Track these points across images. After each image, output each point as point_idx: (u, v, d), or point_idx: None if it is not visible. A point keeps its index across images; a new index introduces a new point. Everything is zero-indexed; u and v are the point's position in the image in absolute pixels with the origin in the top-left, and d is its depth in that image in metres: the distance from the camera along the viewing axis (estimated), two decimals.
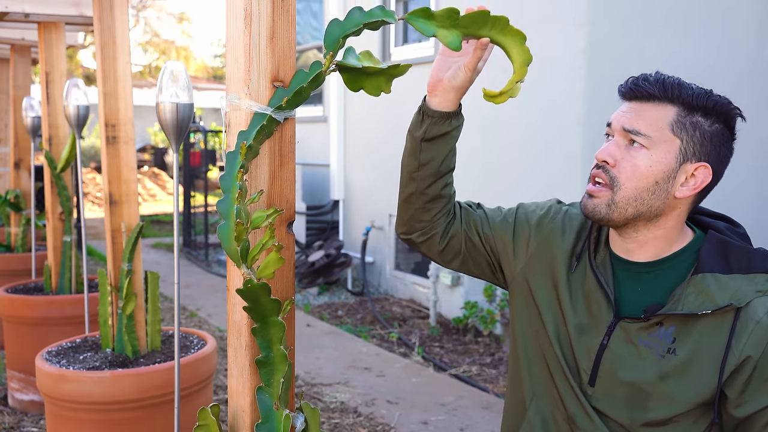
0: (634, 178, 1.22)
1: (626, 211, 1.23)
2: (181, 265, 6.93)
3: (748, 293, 1.18)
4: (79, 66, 19.84)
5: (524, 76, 1.20)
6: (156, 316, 2.64)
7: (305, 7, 8.05)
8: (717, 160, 1.24)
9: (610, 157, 1.24)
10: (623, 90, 1.27)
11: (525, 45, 1.18)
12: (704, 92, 1.22)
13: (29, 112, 3.93)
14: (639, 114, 1.23)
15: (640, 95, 1.24)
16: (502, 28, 1.17)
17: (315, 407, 1.20)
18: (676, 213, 1.25)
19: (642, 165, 1.21)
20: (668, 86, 1.22)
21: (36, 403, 3.41)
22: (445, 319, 5.19)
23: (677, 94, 1.21)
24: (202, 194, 8.83)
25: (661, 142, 1.21)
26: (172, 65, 1.85)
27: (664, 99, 1.22)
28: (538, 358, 1.36)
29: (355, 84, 1.14)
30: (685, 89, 1.22)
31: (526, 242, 1.40)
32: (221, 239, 1.05)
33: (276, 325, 1.10)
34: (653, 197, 1.22)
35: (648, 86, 1.23)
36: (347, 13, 1.10)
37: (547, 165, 4.59)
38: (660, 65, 4.86)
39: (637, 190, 1.22)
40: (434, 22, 1.12)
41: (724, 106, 1.23)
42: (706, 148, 1.22)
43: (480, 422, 3.43)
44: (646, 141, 1.21)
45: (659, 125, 1.21)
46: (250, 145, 1.08)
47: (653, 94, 1.22)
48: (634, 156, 1.22)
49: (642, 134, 1.22)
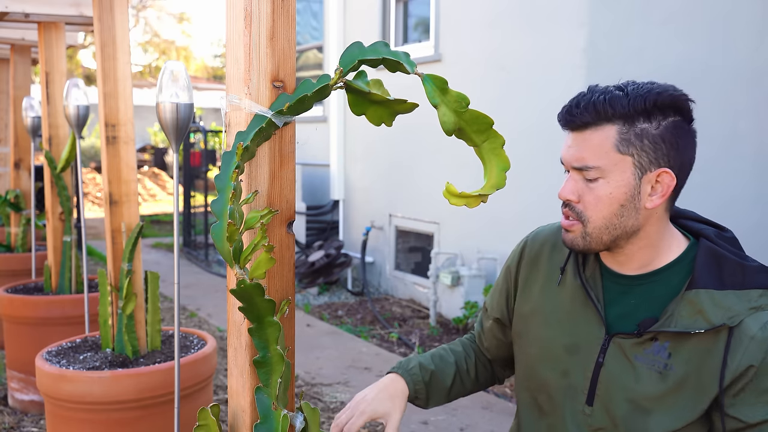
0: (598, 209, 1.21)
1: (602, 239, 1.23)
2: (181, 265, 6.93)
3: (741, 311, 1.16)
4: (79, 66, 19.85)
5: (488, 194, 1.16)
6: (156, 316, 2.64)
7: (305, 7, 8.06)
8: (677, 156, 1.19)
9: (571, 194, 1.23)
10: (560, 122, 1.24)
11: (504, 173, 1.15)
12: (639, 96, 1.17)
13: (29, 112, 3.93)
14: (581, 146, 1.20)
15: (576, 125, 1.21)
16: (494, 147, 1.16)
17: (315, 407, 1.20)
18: (655, 219, 1.23)
19: (603, 194, 1.20)
20: (599, 107, 1.17)
21: (36, 403, 3.41)
22: (445, 319, 5.19)
23: (611, 113, 1.17)
24: (202, 194, 8.84)
25: (612, 167, 1.18)
26: (172, 65, 1.85)
27: (600, 121, 1.18)
28: (536, 382, 1.37)
29: (359, 108, 1.13)
30: (619, 102, 1.17)
31: (514, 283, 1.46)
32: (214, 239, 1.05)
33: (272, 325, 1.09)
34: (623, 219, 1.21)
35: (579, 114, 1.19)
36: (373, 42, 1.10)
37: (547, 165, 4.59)
38: (660, 65, 4.87)
39: (605, 219, 1.21)
40: (444, 96, 1.11)
41: (665, 99, 1.17)
42: (661, 151, 1.18)
43: (480, 422, 3.43)
44: (598, 172, 1.19)
45: (605, 151, 1.18)
46: (246, 146, 1.08)
47: (587, 121, 1.19)
48: (593, 188, 1.20)
49: (591, 167, 1.19)
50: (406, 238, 6.25)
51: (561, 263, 1.36)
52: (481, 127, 1.15)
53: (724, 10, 4.84)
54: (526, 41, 4.85)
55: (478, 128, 1.14)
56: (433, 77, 1.11)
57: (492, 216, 5.04)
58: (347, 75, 1.10)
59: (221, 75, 25.06)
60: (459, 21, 5.45)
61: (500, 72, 5.04)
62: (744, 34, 4.93)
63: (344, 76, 1.10)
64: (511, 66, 4.94)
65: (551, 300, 1.34)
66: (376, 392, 1.37)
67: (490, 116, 1.14)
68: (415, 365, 1.43)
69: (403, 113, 1.14)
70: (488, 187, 1.17)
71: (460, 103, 1.12)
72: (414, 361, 1.44)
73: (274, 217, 1.15)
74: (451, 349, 1.52)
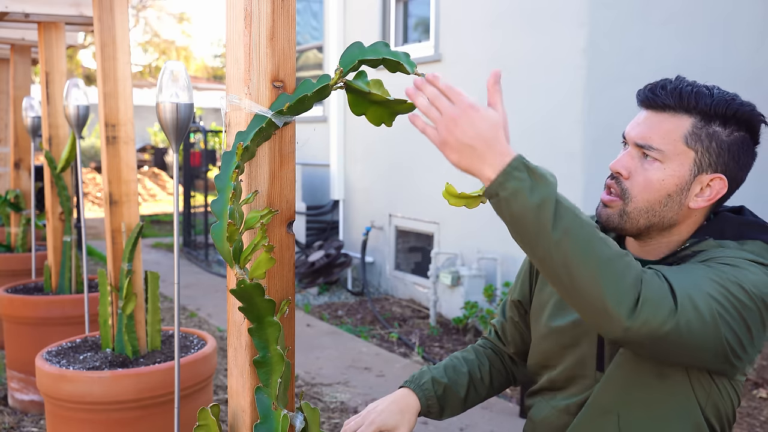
0: (645, 191, 1.21)
1: (638, 222, 1.23)
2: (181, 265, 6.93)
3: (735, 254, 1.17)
4: (79, 66, 19.85)
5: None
6: (156, 316, 2.64)
7: (305, 7, 8.05)
8: (735, 168, 1.22)
9: (623, 168, 1.23)
10: (640, 97, 1.25)
11: None
12: (724, 100, 1.19)
13: (29, 112, 3.93)
14: (652, 126, 1.21)
15: (655, 105, 1.21)
16: None
17: (315, 407, 1.20)
18: (691, 221, 1.25)
19: (654, 179, 1.20)
20: (684, 96, 1.19)
21: (36, 403, 3.41)
22: (445, 319, 5.19)
23: (694, 105, 1.18)
24: (202, 194, 8.83)
25: (674, 156, 1.19)
26: (172, 65, 1.85)
27: (679, 109, 1.19)
28: (546, 357, 1.38)
29: (359, 108, 1.13)
30: (703, 98, 1.19)
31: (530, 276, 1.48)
32: (214, 239, 1.05)
33: (272, 325, 1.09)
34: (665, 209, 1.22)
35: (663, 96, 1.20)
36: (373, 43, 1.10)
37: (548, 164, 4.58)
38: (660, 65, 4.87)
39: (648, 203, 1.21)
40: None
41: (745, 113, 1.20)
42: (723, 158, 1.20)
43: (480, 422, 3.43)
44: (659, 155, 1.20)
45: (673, 138, 1.19)
46: (246, 146, 1.08)
47: (668, 104, 1.20)
48: (647, 169, 1.21)
49: (655, 148, 1.20)
50: (406, 238, 6.25)
51: None
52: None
53: (725, 11, 4.84)
54: (527, 41, 4.85)
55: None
56: None
57: (492, 216, 5.01)
58: (347, 75, 1.10)
59: (221, 75, 25.07)
60: (459, 21, 5.45)
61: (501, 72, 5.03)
62: (744, 35, 4.93)
63: (344, 76, 1.10)
64: (512, 66, 4.94)
65: None
66: (388, 404, 1.38)
67: None
68: (427, 380, 1.43)
69: (403, 113, 1.14)
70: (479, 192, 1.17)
71: None
72: (426, 375, 1.44)
73: (274, 217, 1.15)
74: (463, 357, 1.52)
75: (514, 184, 0.99)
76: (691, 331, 1.03)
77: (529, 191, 0.99)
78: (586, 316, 1.05)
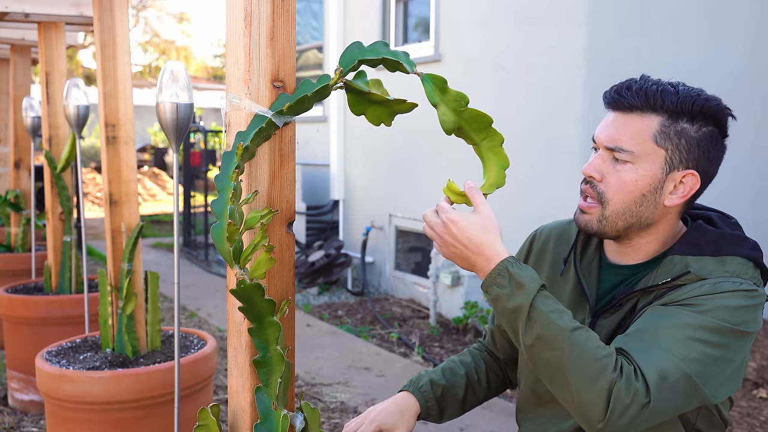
0: (620, 193, 1.22)
1: (617, 224, 1.24)
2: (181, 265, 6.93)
3: (713, 272, 1.17)
4: (79, 66, 19.85)
5: (488, 193, 1.18)
6: (156, 316, 2.64)
7: (305, 7, 8.06)
8: (706, 163, 1.22)
9: (596, 172, 1.24)
10: (606, 99, 1.25)
11: (503, 171, 1.17)
12: (690, 97, 1.19)
13: (29, 112, 3.93)
14: (621, 128, 1.21)
15: (622, 106, 1.22)
16: (493, 145, 1.17)
17: (315, 407, 1.20)
18: (668, 218, 1.26)
19: (628, 180, 1.21)
20: (650, 95, 1.19)
21: (36, 403, 3.41)
22: (445, 319, 5.20)
23: (660, 103, 1.19)
24: (202, 194, 8.83)
25: (645, 156, 1.20)
26: (172, 65, 1.85)
27: (646, 109, 1.20)
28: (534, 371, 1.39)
29: (359, 108, 1.14)
30: (669, 96, 1.19)
31: None
32: (214, 239, 1.05)
33: (272, 325, 1.10)
34: (641, 209, 1.22)
35: (629, 97, 1.21)
36: (373, 42, 1.10)
37: (547, 164, 4.59)
38: (659, 64, 4.87)
39: (625, 204, 1.22)
40: (443, 96, 1.12)
41: (711, 108, 1.20)
42: (694, 154, 1.20)
43: (480, 422, 3.43)
44: (629, 156, 1.20)
45: (642, 138, 1.20)
46: (246, 146, 1.08)
47: (635, 104, 1.20)
48: (620, 171, 1.21)
49: (625, 150, 1.20)
50: (406, 238, 6.25)
51: (564, 254, 1.38)
52: (480, 126, 1.15)
53: (723, 10, 4.85)
54: (527, 41, 4.85)
55: (477, 127, 1.15)
56: (432, 77, 1.11)
57: None
58: (347, 75, 1.10)
59: (221, 75, 25.07)
60: (459, 21, 5.45)
61: (500, 72, 5.04)
62: (742, 34, 4.94)
63: (344, 76, 1.10)
64: (511, 66, 4.94)
65: (553, 291, 1.35)
66: (388, 404, 1.40)
67: (489, 114, 1.14)
68: (425, 382, 1.45)
69: (402, 113, 1.14)
70: (488, 186, 1.18)
71: (459, 102, 1.12)
72: (425, 378, 1.46)
73: (274, 217, 1.15)
74: (460, 360, 1.53)
75: (496, 290, 1.12)
76: (670, 406, 1.07)
77: (507, 298, 1.10)
78: (567, 408, 1.12)
